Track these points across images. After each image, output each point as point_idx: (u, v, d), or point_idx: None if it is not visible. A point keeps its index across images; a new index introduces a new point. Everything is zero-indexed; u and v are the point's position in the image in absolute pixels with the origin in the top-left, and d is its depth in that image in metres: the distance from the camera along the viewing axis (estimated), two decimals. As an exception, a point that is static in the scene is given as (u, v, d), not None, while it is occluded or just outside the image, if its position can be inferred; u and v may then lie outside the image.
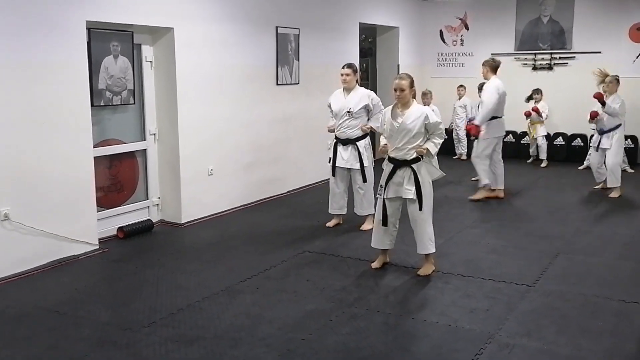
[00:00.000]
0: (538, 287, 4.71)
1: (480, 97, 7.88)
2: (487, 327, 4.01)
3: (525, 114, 9.85)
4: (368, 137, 6.21)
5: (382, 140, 5.06)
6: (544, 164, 9.96)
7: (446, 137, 5.25)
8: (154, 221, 6.48)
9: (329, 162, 6.27)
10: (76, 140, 5.41)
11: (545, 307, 4.35)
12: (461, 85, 10.54)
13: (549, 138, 10.24)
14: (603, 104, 7.62)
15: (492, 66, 7.39)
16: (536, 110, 9.76)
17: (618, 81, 7.72)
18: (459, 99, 10.60)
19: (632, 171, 9.28)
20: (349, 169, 6.19)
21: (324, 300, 4.48)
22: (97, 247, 5.65)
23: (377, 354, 3.68)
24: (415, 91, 4.99)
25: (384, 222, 5.01)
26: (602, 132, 7.79)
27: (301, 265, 5.27)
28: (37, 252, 5.13)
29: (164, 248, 5.85)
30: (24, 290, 4.73)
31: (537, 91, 9.94)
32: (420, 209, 4.85)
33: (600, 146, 7.79)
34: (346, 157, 6.13)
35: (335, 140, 6.22)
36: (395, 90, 4.85)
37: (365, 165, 6.08)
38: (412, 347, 3.76)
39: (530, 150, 10.39)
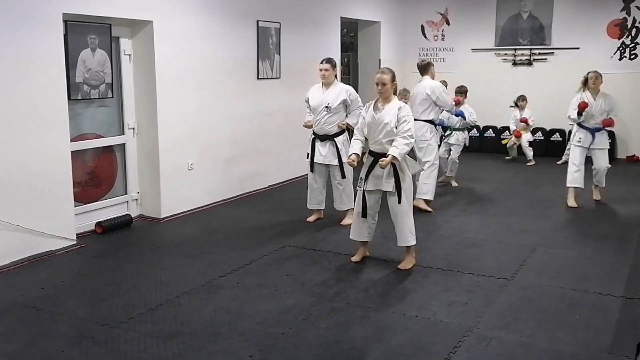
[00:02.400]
0: (516, 281, 4.76)
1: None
2: (465, 320, 4.05)
3: (515, 135, 9.85)
4: (346, 133, 6.21)
5: (351, 150, 4.99)
6: (530, 163, 9.85)
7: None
8: (133, 216, 6.42)
9: (307, 158, 6.26)
10: (53, 135, 5.34)
11: (523, 300, 4.40)
12: (443, 81, 10.37)
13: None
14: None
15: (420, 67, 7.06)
16: (525, 121, 9.81)
17: (601, 76, 7.08)
18: None
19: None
20: (327, 164, 6.19)
21: (304, 295, 4.48)
22: (75, 242, 5.58)
23: (357, 348, 3.69)
24: (397, 86, 5.00)
25: (364, 214, 5.02)
26: (596, 130, 7.00)
27: (281, 260, 5.26)
28: (14, 248, 5.05)
29: (143, 243, 5.80)
30: (0, 285, 4.66)
31: (522, 98, 9.93)
32: (400, 202, 4.87)
33: (593, 147, 7.01)
34: (324, 153, 6.13)
35: (313, 136, 6.21)
36: (377, 84, 4.87)
37: (343, 161, 6.07)
38: (391, 340, 3.78)
39: (511, 154, 10.22)
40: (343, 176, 6.15)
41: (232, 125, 7.40)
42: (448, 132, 8.24)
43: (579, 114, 6.95)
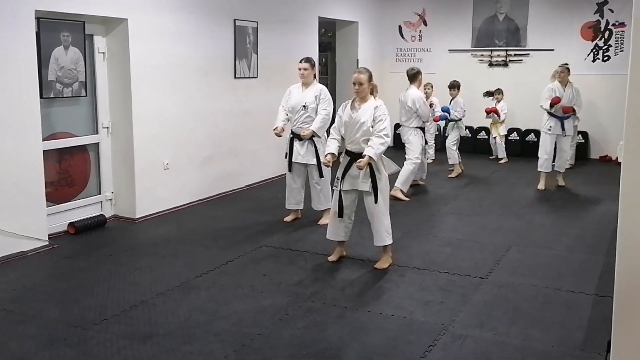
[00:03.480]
0: (491, 279, 4.80)
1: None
2: (441, 318, 4.07)
3: (486, 111, 9.96)
4: (325, 132, 6.20)
5: (327, 149, 5.02)
6: (503, 161, 10.06)
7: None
8: (107, 216, 6.33)
9: (285, 158, 6.25)
10: (25, 134, 5.24)
11: (497, 298, 4.44)
12: (428, 84, 9.61)
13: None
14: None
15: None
16: (495, 111, 9.90)
17: (569, 70, 7.93)
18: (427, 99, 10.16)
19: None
20: (306, 164, 6.18)
21: (280, 295, 4.46)
22: (47, 243, 5.48)
23: (333, 347, 3.69)
24: (375, 85, 5.00)
25: (340, 213, 5.02)
26: (563, 117, 7.78)
27: (258, 260, 5.23)
28: (-17, 249, 4.95)
29: (117, 244, 5.72)
30: (-32, 288, 4.56)
31: (499, 91, 10.06)
32: (376, 201, 4.88)
33: (562, 134, 7.81)
34: (302, 152, 6.12)
35: (291, 136, 6.19)
36: (354, 84, 4.87)
37: (321, 160, 6.06)
38: (367, 340, 3.78)
39: (493, 149, 10.43)
40: (321, 175, 6.14)
41: (208, 125, 7.34)
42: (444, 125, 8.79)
43: (551, 106, 7.69)
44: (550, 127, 7.83)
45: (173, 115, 6.79)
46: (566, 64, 8.03)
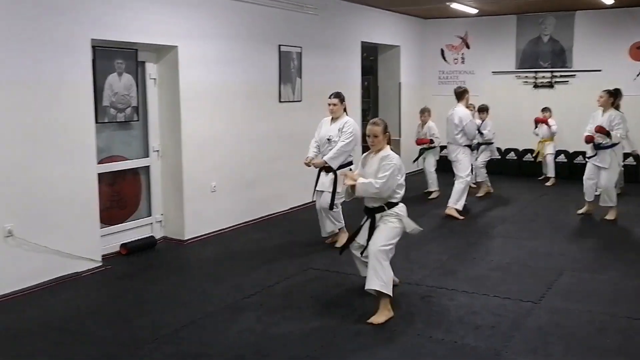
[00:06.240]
0: (544, 304, 4.68)
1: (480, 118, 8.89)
2: (493, 344, 3.98)
3: (535, 120, 9.75)
4: (350, 165, 6.08)
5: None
6: (550, 182, 9.84)
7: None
8: (157, 238, 6.47)
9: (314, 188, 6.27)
10: (80, 157, 5.43)
11: (551, 324, 4.32)
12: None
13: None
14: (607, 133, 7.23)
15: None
16: (545, 121, 9.70)
17: (611, 94, 7.38)
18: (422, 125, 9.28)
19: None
20: (322, 191, 6.15)
21: (328, 317, 4.45)
22: (101, 263, 5.63)
23: (383, 371, 3.65)
24: (390, 136, 4.68)
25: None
26: (598, 147, 7.33)
27: (305, 282, 5.24)
28: (41, 269, 5.11)
29: (167, 265, 5.83)
30: (27, 306, 4.70)
31: (546, 109, 9.94)
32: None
33: (597, 164, 7.34)
34: (326, 182, 6.11)
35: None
36: (369, 136, 4.56)
37: (337, 190, 5.95)
38: (418, 364, 3.73)
39: (543, 168, 10.19)
40: (331, 208, 6.04)
41: (254, 148, 7.46)
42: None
43: (586, 142, 7.43)
44: (590, 156, 7.50)
45: (220, 139, 6.93)
46: (609, 89, 7.48)
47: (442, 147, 9.13)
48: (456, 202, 7.61)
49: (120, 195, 6.28)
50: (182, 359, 3.79)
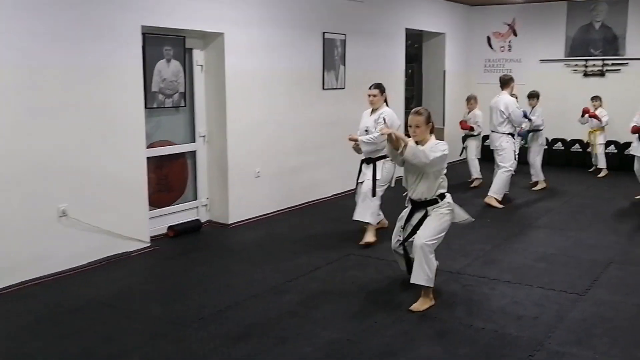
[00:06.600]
0: (589, 297, 4.61)
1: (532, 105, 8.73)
2: (535, 334, 3.95)
3: (583, 111, 9.47)
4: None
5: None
6: (602, 174, 9.58)
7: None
8: (202, 221, 6.62)
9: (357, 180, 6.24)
10: (130, 141, 5.60)
11: (596, 316, 4.25)
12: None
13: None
14: None
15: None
16: (594, 115, 9.45)
17: None
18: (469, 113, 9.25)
19: None
20: (363, 181, 6.11)
21: (369, 303, 4.50)
22: (149, 244, 5.81)
23: (422, 357, 3.67)
24: (433, 125, 4.47)
25: (409, 271, 4.56)
26: None
27: (346, 268, 5.29)
28: (92, 248, 5.31)
29: (212, 247, 5.97)
30: (79, 284, 4.91)
31: (596, 98, 9.64)
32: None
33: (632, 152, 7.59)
34: (367, 174, 6.07)
35: (362, 158, 6.20)
36: (410, 126, 4.36)
37: (377, 178, 5.96)
38: (458, 352, 3.73)
39: (593, 159, 9.95)
40: (373, 194, 6.00)
41: (297, 135, 7.53)
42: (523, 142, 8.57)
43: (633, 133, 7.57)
44: (633, 146, 7.70)
45: (264, 125, 7.02)
46: None
47: (485, 137, 9.01)
48: (497, 192, 7.57)
49: (168, 179, 6.44)
50: (226, 339, 3.89)
